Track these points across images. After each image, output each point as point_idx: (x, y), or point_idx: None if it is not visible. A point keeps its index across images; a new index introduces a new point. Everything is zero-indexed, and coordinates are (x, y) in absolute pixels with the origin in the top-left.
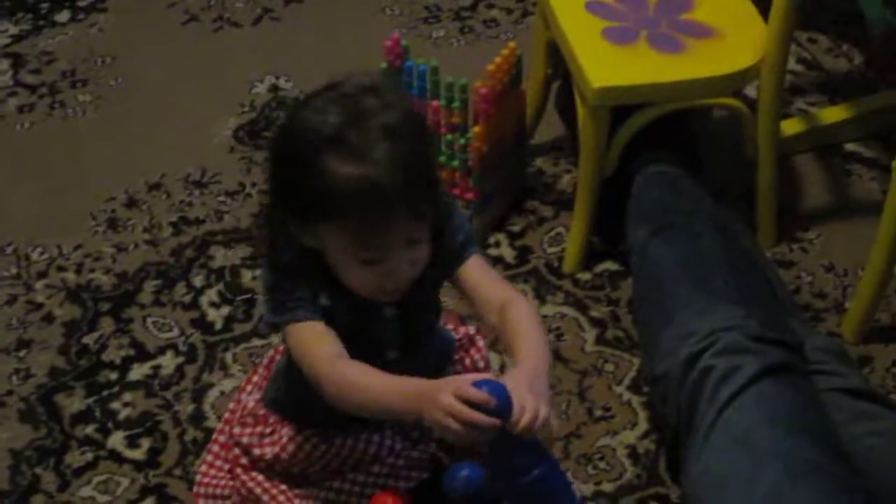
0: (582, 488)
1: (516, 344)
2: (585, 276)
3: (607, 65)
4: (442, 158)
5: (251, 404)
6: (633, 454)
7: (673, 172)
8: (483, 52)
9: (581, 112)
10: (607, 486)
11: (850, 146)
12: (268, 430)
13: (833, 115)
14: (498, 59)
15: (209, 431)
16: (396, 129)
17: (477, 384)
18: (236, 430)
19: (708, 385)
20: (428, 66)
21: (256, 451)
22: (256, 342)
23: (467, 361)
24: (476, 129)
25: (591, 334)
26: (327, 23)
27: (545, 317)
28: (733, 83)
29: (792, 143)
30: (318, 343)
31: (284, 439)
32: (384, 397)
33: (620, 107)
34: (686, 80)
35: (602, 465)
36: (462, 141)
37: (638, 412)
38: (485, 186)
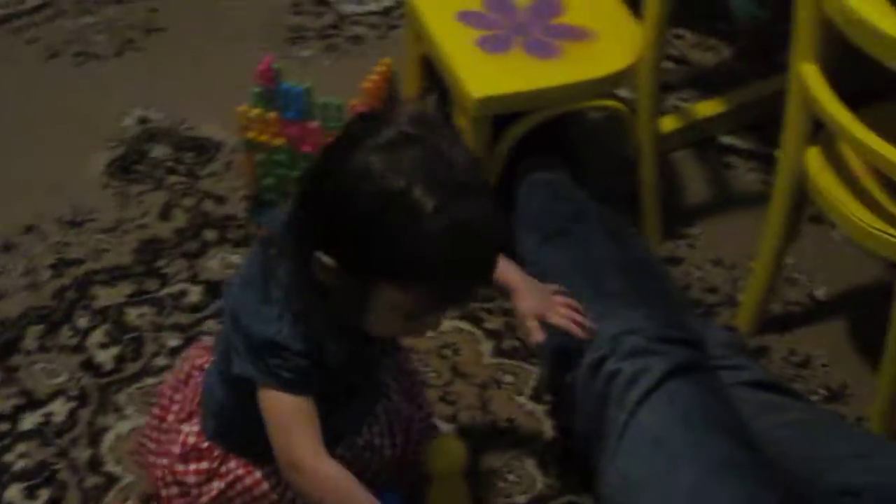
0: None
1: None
2: None
3: (485, 74)
4: None
5: (192, 439)
6: (543, 464)
7: (555, 178)
8: (352, 70)
9: (461, 124)
10: (520, 499)
11: (725, 139)
12: (214, 465)
13: (707, 109)
14: (374, 77)
15: (109, 476)
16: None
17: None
18: (179, 467)
19: (615, 389)
20: (303, 88)
21: (196, 492)
22: (149, 380)
23: None
24: None
25: (487, 346)
26: (191, 50)
27: (438, 333)
28: (611, 84)
29: (668, 140)
30: (306, 425)
31: (231, 476)
32: None
33: (500, 115)
34: (564, 85)
35: (512, 477)
36: None
37: (543, 421)
38: None
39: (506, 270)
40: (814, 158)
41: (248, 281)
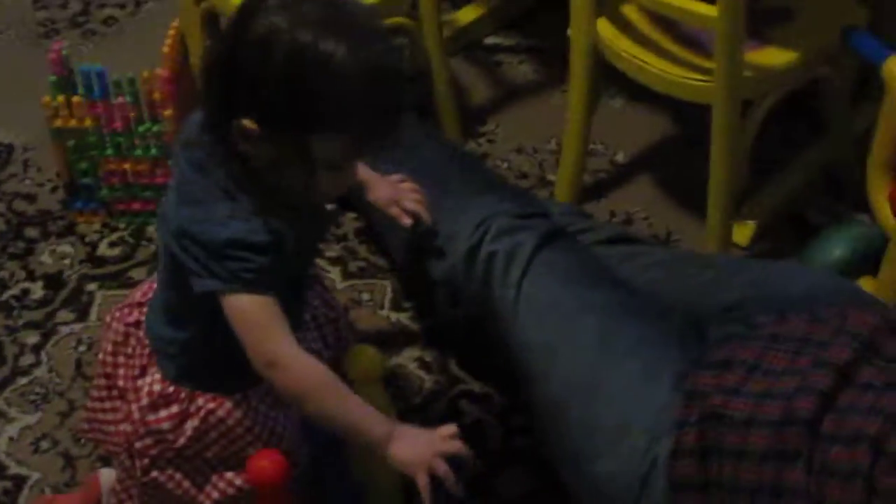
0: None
1: None
2: None
3: None
4: (138, 152)
5: (156, 387)
6: (424, 365)
7: None
8: (116, 49)
9: None
10: (416, 399)
11: (489, 40)
12: (184, 406)
13: (467, 15)
14: (168, 41)
15: (16, 478)
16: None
17: None
18: (150, 417)
19: (497, 268)
20: (100, 67)
21: (172, 437)
22: (22, 380)
23: None
24: (167, 112)
25: (335, 273)
26: None
27: None
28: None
29: None
30: (277, 323)
31: (203, 412)
32: (354, 415)
33: None
34: None
35: (401, 383)
36: (155, 129)
37: (410, 326)
38: None
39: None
40: (604, 27)
41: (183, 196)
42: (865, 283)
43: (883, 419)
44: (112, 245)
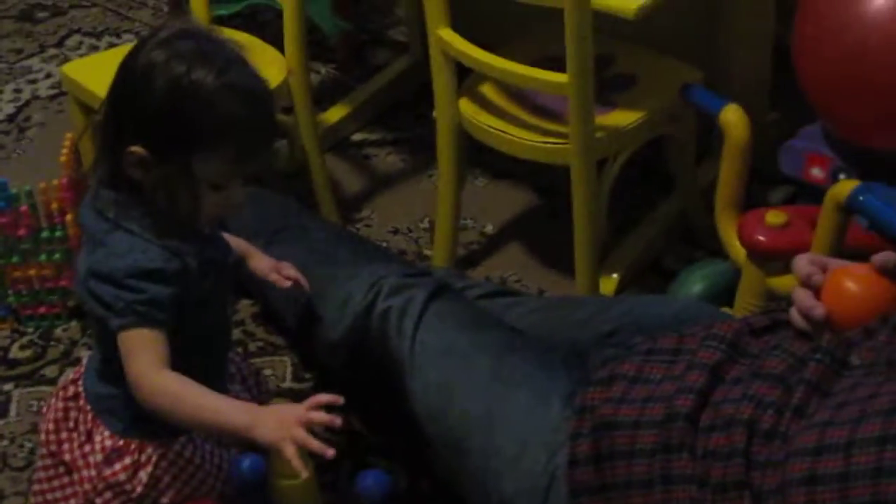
0: None
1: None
2: None
3: None
4: (43, 257)
5: (108, 443)
6: (329, 428)
7: (252, 190)
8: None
9: None
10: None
11: (356, 136)
12: (135, 457)
13: (333, 115)
14: (65, 151)
15: None
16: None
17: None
18: (106, 471)
19: (391, 323)
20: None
21: (129, 487)
22: None
23: None
24: (69, 217)
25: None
26: None
27: None
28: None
29: None
30: (147, 350)
31: (154, 458)
32: (212, 409)
33: None
34: None
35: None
36: (58, 234)
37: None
38: None
39: (235, 240)
40: (466, 105)
41: (88, 247)
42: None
43: (755, 405)
44: (23, 347)
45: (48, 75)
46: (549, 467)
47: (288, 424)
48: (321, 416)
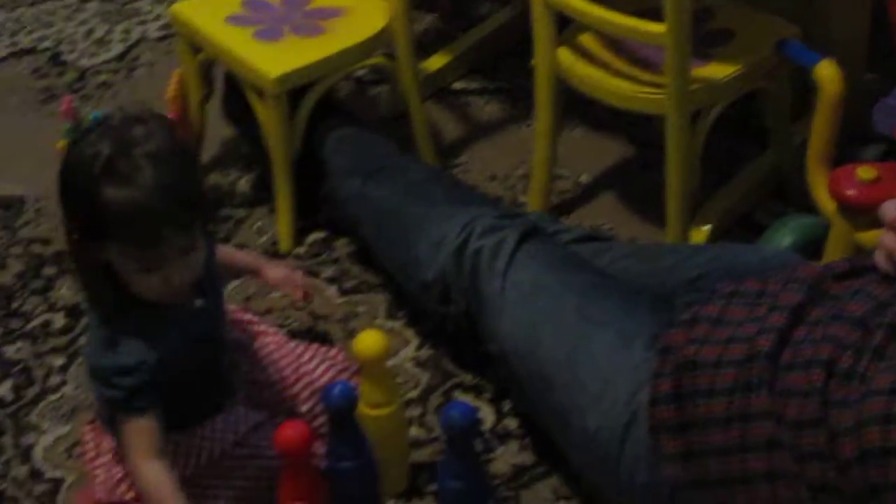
0: None
1: (242, 260)
2: (301, 249)
3: (273, 58)
4: None
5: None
6: (419, 364)
7: (353, 130)
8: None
9: (261, 107)
10: (412, 393)
11: (456, 85)
12: None
13: (435, 63)
14: (172, 86)
15: (54, 481)
16: (159, 155)
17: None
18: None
19: (483, 263)
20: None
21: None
22: (52, 397)
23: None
24: None
25: (332, 291)
26: None
27: (286, 293)
28: (373, 46)
29: None
30: (142, 440)
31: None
32: None
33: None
34: (339, 52)
35: (400, 381)
36: None
37: (404, 332)
38: None
39: (239, 256)
40: (565, 55)
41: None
42: None
43: (833, 345)
44: None
45: (157, 17)
46: (631, 405)
47: None
48: None
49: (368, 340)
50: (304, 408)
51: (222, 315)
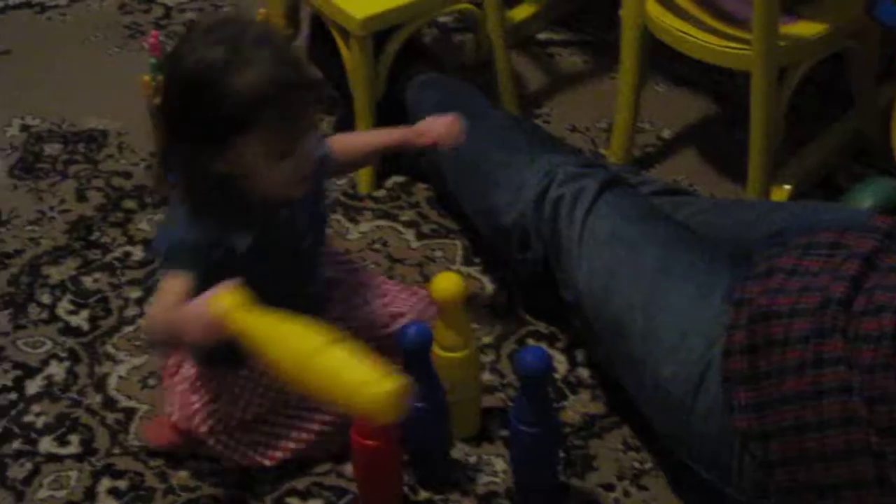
0: None
1: (374, 137)
2: (380, 192)
3: (359, 1)
4: None
5: (191, 371)
6: (494, 310)
7: (437, 76)
8: None
9: (347, 48)
10: (486, 339)
11: (541, 36)
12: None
13: (521, 12)
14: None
15: (127, 410)
16: (269, 37)
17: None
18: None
19: (563, 210)
20: None
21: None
22: (127, 328)
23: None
24: None
25: (409, 234)
26: (44, 62)
27: (363, 233)
28: None
29: None
30: (166, 294)
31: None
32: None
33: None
34: None
35: (475, 327)
36: None
37: (480, 278)
38: None
39: (384, 133)
40: (653, 6)
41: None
42: None
43: None
44: None
45: None
46: (706, 356)
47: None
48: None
49: (445, 282)
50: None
51: (319, 244)
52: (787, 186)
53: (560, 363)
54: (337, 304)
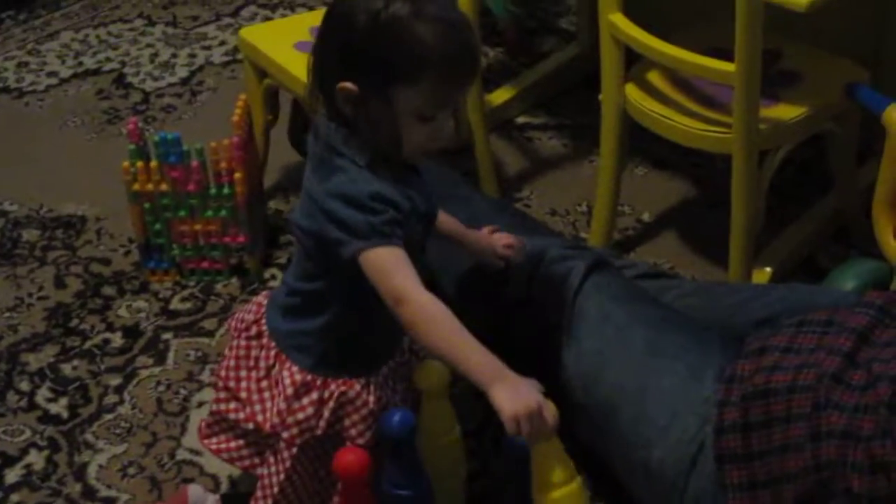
0: None
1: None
2: None
3: None
4: (209, 213)
5: (297, 377)
6: (479, 395)
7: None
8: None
9: None
10: (470, 425)
11: (520, 120)
12: (322, 393)
13: (499, 97)
14: (238, 111)
15: (107, 500)
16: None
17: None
18: (295, 405)
19: (551, 291)
20: (175, 135)
21: (314, 423)
22: (107, 416)
23: None
24: (238, 175)
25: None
26: (20, 147)
27: None
28: None
29: None
30: (406, 266)
31: (336, 394)
32: (466, 349)
33: None
34: None
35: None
36: (226, 192)
37: None
38: (251, 228)
39: (453, 221)
40: (632, 91)
41: (321, 175)
42: None
43: None
44: (184, 300)
45: (222, 43)
46: (699, 436)
47: (522, 405)
48: (551, 419)
49: (429, 371)
50: None
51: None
52: (769, 269)
53: None
54: None
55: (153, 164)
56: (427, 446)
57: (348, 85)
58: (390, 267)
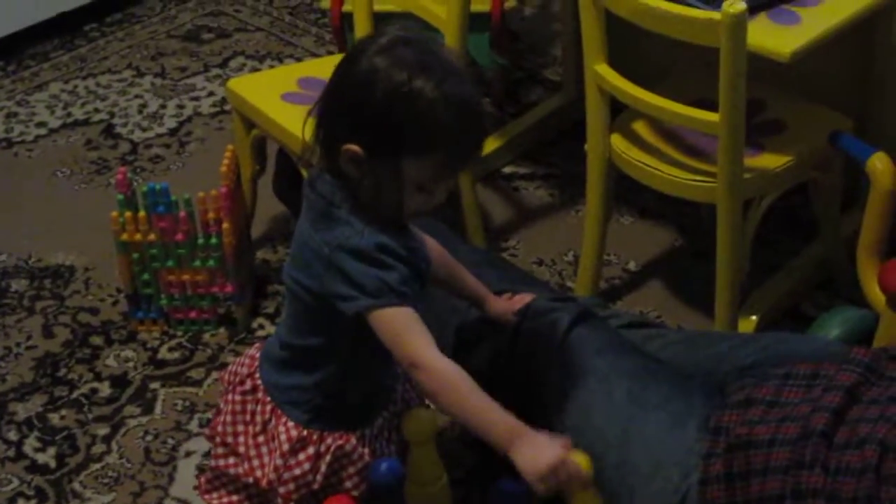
0: None
1: (471, 282)
2: None
3: None
4: (197, 263)
5: (293, 432)
6: (466, 443)
7: None
8: (160, 181)
9: None
10: (458, 473)
11: (506, 169)
12: (317, 447)
13: (487, 146)
14: (226, 162)
15: None
16: (462, 70)
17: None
18: (291, 461)
19: (536, 344)
20: (163, 186)
21: (311, 478)
22: (95, 466)
23: None
24: (225, 225)
25: None
26: (9, 199)
27: None
28: None
29: None
30: (421, 328)
31: (333, 448)
32: (482, 413)
33: None
34: None
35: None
36: (213, 241)
37: None
38: (239, 278)
39: (468, 277)
40: (618, 141)
41: (320, 225)
42: None
43: (891, 425)
44: (171, 349)
45: (210, 94)
46: (682, 486)
47: (543, 463)
48: (577, 473)
49: (417, 419)
50: None
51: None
52: (754, 317)
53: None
54: None
55: (141, 214)
56: (415, 494)
57: (354, 147)
58: (404, 330)
